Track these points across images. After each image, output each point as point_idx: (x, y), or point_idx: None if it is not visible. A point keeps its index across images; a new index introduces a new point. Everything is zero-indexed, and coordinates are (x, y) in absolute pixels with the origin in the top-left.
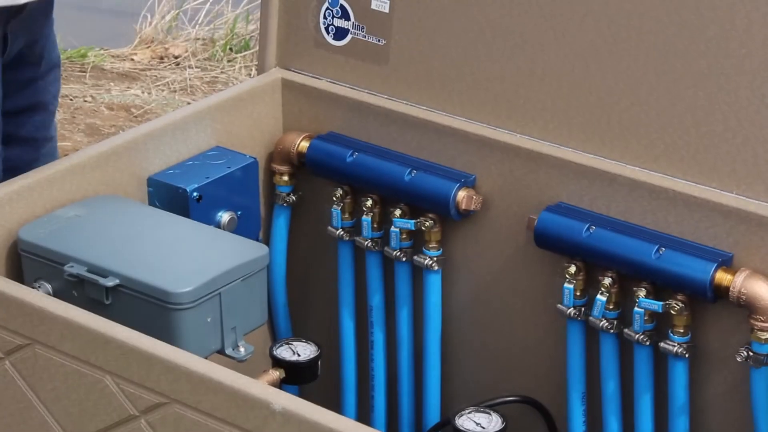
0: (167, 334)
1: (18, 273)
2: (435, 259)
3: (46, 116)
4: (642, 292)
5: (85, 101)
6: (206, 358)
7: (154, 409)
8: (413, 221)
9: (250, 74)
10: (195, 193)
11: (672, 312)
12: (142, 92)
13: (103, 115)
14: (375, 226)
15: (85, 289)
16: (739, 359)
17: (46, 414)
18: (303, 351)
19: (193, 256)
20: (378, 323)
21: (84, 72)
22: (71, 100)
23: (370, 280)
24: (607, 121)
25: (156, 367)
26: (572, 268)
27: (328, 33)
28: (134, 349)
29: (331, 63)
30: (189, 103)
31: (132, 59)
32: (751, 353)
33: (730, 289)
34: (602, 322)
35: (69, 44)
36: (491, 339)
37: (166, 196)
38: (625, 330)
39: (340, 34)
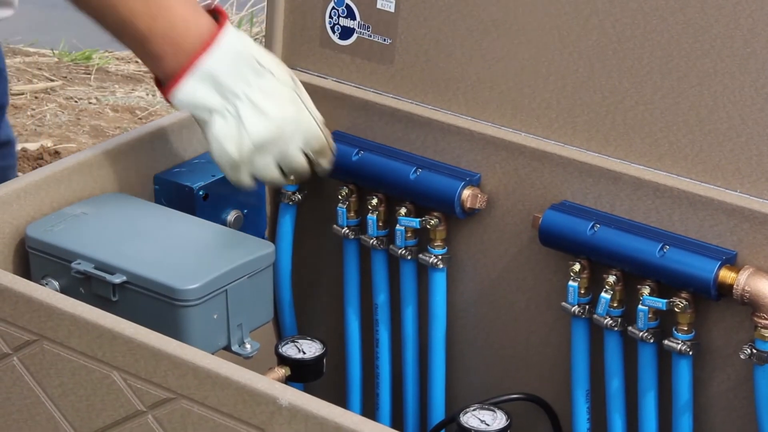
0: (174, 331)
1: (26, 270)
2: (440, 257)
3: None
4: (646, 290)
5: (90, 103)
6: (213, 354)
7: (161, 404)
8: (418, 220)
9: None
10: (201, 192)
11: (676, 310)
12: (147, 94)
13: (108, 117)
14: (380, 224)
15: (93, 286)
16: (742, 357)
17: (53, 409)
18: (308, 349)
19: (200, 253)
20: (383, 321)
21: (88, 74)
22: (76, 102)
23: (375, 278)
24: (611, 120)
25: (163, 362)
26: (577, 266)
27: (333, 32)
28: (141, 345)
29: (336, 62)
30: None
31: (136, 62)
32: (754, 351)
33: (734, 287)
34: (606, 320)
35: (74, 47)
36: (496, 337)
37: (173, 194)
38: (630, 328)
39: (346, 33)
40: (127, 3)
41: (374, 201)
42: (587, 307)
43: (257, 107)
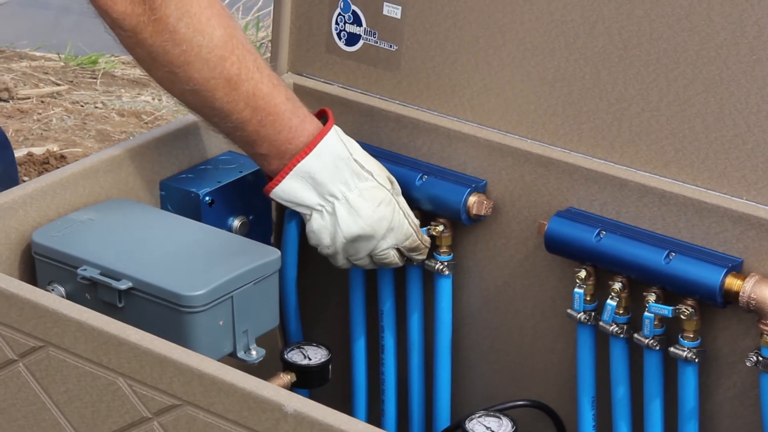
0: (180, 337)
1: (32, 276)
2: (446, 263)
3: None
4: (652, 297)
5: (96, 107)
6: (218, 360)
7: (166, 411)
8: (424, 227)
9: None
10: (207, 198)
11: (682, 317)
12: (153, 99)
13: (114, 122)
14: None
15: (98, 292)
16: (748, 364)
17: (59, 416)
18: (314, 355)
19: (206, 259)
20: (389, 327)
21: (95, 78)
22: (82, 106)
23: (381, 285)
24: (617, 127)
25: (168, 369)
26: (582, 273)
27: (340, 38)
28: (147, 352)
29: (342, 68)
30: None
31: None
32: (760, 358)
33: (740, 294)
34: (612, 327)
35: (80, 51)
36: (501, 343)
37: (179, 200)
38: (635, 335)
39: (352, 39)
40: (238, 110)
41: None
42: (593, 313)
43: (353, 208)
